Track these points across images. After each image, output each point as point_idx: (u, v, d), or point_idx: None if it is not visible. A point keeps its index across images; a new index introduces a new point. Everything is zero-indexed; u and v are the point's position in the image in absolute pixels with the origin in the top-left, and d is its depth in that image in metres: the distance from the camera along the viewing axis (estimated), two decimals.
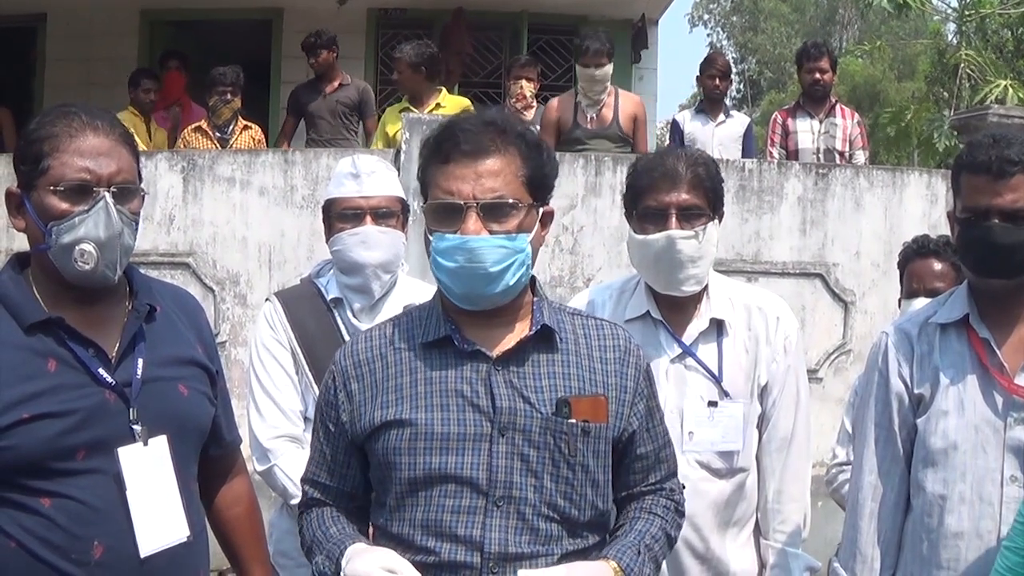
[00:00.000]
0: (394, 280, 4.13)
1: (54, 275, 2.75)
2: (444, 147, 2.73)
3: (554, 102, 9.00)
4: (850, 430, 4.42)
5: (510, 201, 2.71)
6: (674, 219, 3.53)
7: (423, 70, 8.90)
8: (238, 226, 7.96)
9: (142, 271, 3.02)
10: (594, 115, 8.60)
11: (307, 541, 2.90)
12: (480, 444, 2.70)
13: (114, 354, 2.78)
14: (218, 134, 9.19)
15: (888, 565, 3.29)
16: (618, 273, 7.69)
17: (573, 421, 2.73)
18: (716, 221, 3.62)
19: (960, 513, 3.13)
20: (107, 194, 2.69)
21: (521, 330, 2.82)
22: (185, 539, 2.83)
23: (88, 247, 2.67)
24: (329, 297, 4.08)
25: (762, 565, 3.77)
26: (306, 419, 3.96)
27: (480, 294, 2.72)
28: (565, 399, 2.74)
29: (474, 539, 2.67)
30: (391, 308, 4.02)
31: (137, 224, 2.80)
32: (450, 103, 9.04)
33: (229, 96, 9.21)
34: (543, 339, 2.81)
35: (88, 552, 2.65)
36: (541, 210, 2.82)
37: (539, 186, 2.79)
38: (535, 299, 2.87)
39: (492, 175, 2.70)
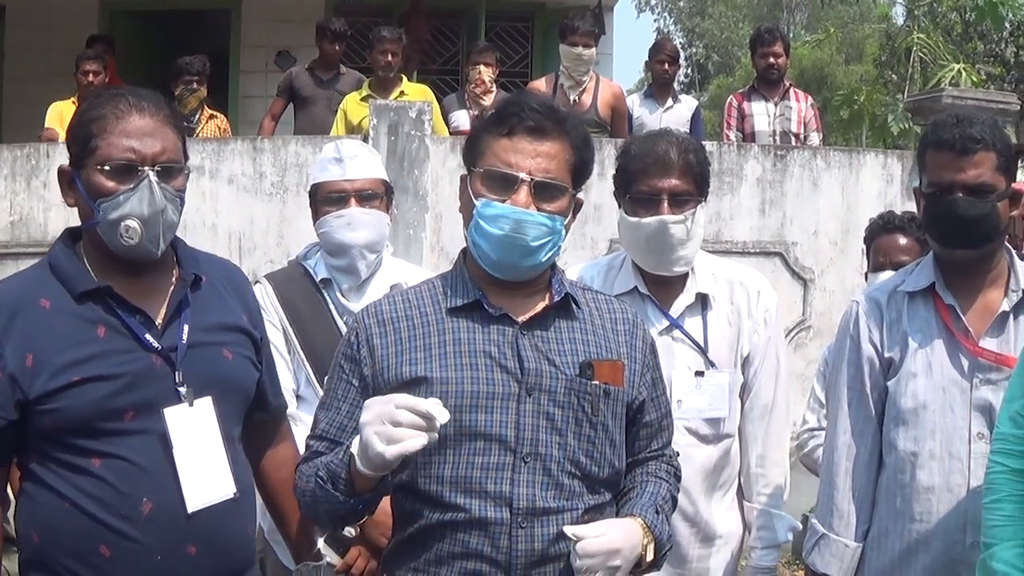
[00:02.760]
0: (379, 260, 4.23)
1: (103, 248, 2.89)
2: (509, 120, 2.85)
3: (537, 84, 9.10)
4: (820, 397, 4.59)
5: (561, 184, 2.86)
6: (666, 204, 3.67)
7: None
8: (208, 214, 8.00)
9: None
10: (576, 98, 8.68)
11: (305, 474, 2.89)
12: (508, 403, 2.80)
13: (160, 320, 2.91)
14: (184, 123, 9.12)
15: (863, 520, 3.45)
16: (582, 255, 7.83)
17: (596, 383, 2.86)
18: (703, 204, 3.77)
19: (931, 469, 3.31)
20: (151, 173, 2.81)
21: (543, 299, 2.94)
22: (232, 495, 2.94)
23: (133, 223, 2.81)
24: (318, 278, 4.16)
25: (745, 526, 3.93)
26: (298, 397, 4.06)
27: (514, 264, 2.84)
28: (588, 362, 2.87)
29: (503, 494, 2.76)
30: (377, 287, 4.13)
31: (182, 200, 2.93)
32: (412, 90, 9.11)
33: (195, 85, 9.17)
34: (563, 307, 2.95)
35: (137, 508, 2.77)
36: (575, 199, 2.95)
37: (581, 176, 2.94)
38: (552, 273, 3.00)
39: (549, 156, 2.84)
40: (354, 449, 2.68)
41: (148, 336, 2.86)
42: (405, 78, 9.32)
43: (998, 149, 3.28)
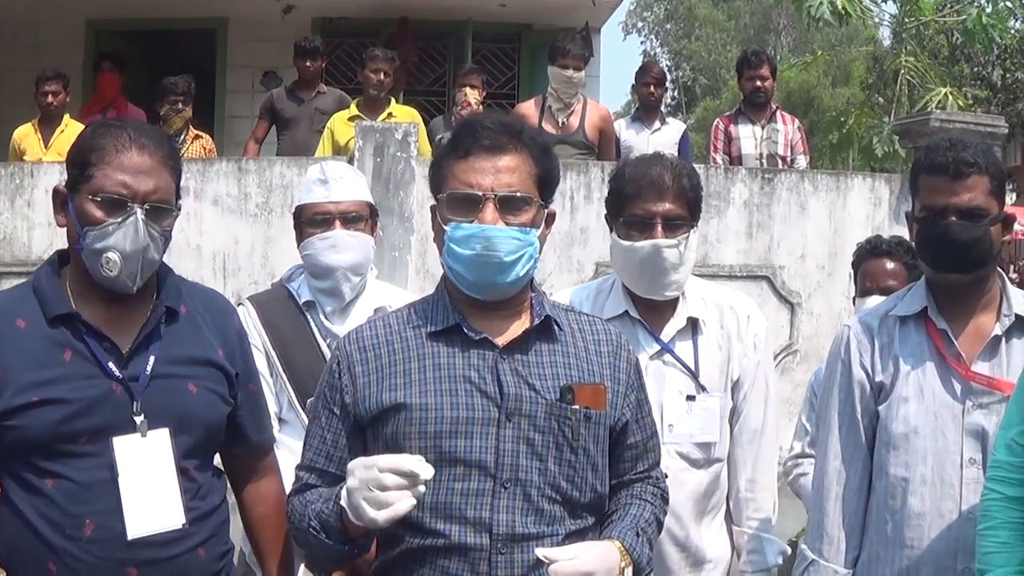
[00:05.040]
0: (364, 283, 4.20)
1: (85, 273, 2.93)
2: (464, 142, 2.85)
3: (525, 106, 9.08)
4: (806, 424, 4.59)
5: (525, 195, 2.84)
6: (659, 228, 3.64)
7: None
8: (192, 234, 7.99)
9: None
10: (564, 120, 8.69)
11: (298, 512, 2.92)
12: (488, 428, 2.79)
13: (127, 350, 2.93)
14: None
15: (853, 545, 3.41)
16: (568, 278, 7.81)
17: (576, 407, 2.84)
18: (695, 229, 3.75)
19: (922, 494, 3.27)
20: (139, 210, 2.86)
21: (524, 321, 2.93)
22: (179, 527, 2.94)
23: (114, 256, 2.85)
24: (301, 300, 4.13)
25: (734, 550, 3.91)
26: (280, 420, 4.02)
27: (491, 282, 2.83)
28: (569, 386, 2.85)
29: (483, 520, 2.75)
30: (361, 310, 4.10)
31: (166, 240, 2.97)
32: (399, 112, 9.13)
33: (180, 106, 9.20)
34: (544, 330, 2.93)
35: (80, 529, 2.83)
36: (546, 210, 2.94)
37: (546, 187, 2.92)
38: (533, 294, 2.98)
39: (509, 171, 2.83)
40: (344, 503, 2.71)
41: (111, 364, 2.90)
42: (394, 99, 9.30)
43: (991, 173, 3.26)
